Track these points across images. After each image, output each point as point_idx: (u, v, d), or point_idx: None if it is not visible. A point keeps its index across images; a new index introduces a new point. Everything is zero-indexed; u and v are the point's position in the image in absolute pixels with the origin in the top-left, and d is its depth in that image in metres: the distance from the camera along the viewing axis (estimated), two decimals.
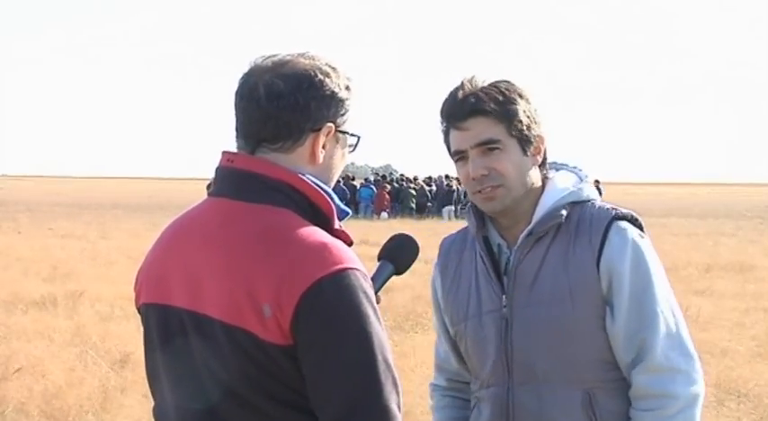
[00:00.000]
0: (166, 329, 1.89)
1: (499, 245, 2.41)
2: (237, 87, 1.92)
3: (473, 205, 2.41)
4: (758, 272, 15.00)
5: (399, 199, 34.41)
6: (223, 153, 1.93)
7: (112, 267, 14.93)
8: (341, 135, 1.93)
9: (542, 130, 2.37)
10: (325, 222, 1.87)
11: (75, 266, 14.80)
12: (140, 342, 2.04)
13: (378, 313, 1.80)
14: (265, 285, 1.76)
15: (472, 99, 2.30)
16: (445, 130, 2.37)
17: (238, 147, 1.92)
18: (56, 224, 26.06)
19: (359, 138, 1.98)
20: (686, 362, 2.28)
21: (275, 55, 1.92)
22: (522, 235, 2.35)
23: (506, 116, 2.30)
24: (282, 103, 1.86)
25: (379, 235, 18.22)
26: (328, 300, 1.75)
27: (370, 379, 1.74)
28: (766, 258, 17.20)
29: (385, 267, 2.11)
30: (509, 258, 2.38)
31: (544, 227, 2.33)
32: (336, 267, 1.76)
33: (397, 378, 1.79)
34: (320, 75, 1.89)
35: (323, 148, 1.90)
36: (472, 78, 2.34)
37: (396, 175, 42.04)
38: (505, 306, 2.36)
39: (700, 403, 2.28)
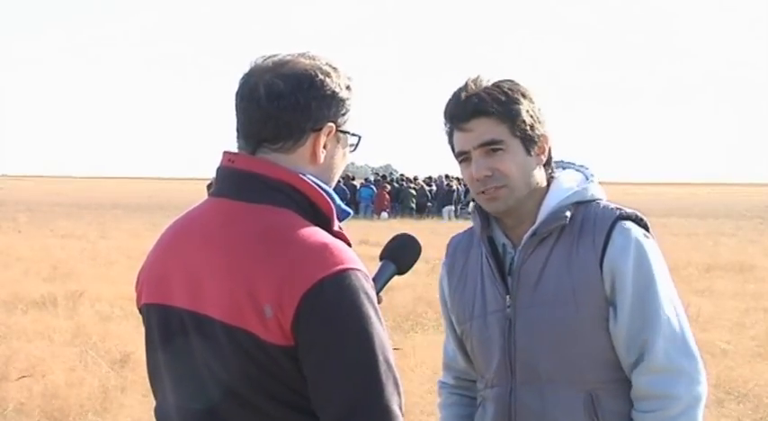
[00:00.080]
0: (167, 329, 1.89)
1: (504, 245, 2.40)
2: (238, 87, 1.91)
3: (478, 205, 2.40)
4: (758, 272, 14.99)
5: (399, 199, 34.37)
6: (224, 153, 1.93)
7: (112, 267, 14.94)
8: (342, 135, 1.93)
9: (547, 130, 2.36)
10: (325, 222, 1.87)
11: (75, 266, 14.80)
12: (140, 342, 2.04)
13: (379, 313, 1.80)
14: (266, 286, 1.76)
15: (475, 100, 2.30)
16: (449, 131, 2.36)
17: (239, 147, 1.92)
18: (56, 224, 26.06)
19: (360, 137, 1.97)
20: (689, 362, 2.27)
21: (275, 55, 1.92)
22: (526, 235, 2.34)
23: (509, 116, 2.29)
24: (283, 103, 1.86)
25: (379, 235, 18.22)
26: (329, 301, 1.74)
27: (371, 379, 1.74)
28: (766, 258, 17.19)
29: (387, 267, 2.11)
30: (513, 258, 2.37)
31: (548, 227, 2.32)
32: (337, 268, 1.76)
33: (399, 378, 1.79)
34: (321, 74, 1.88)
35: (324, 148, 1.90)
36: (476, 78, 2.33)
37: (396, 175, 42.04)
38: (509, 306, 2.35)
39: (702, 404, 2.27)
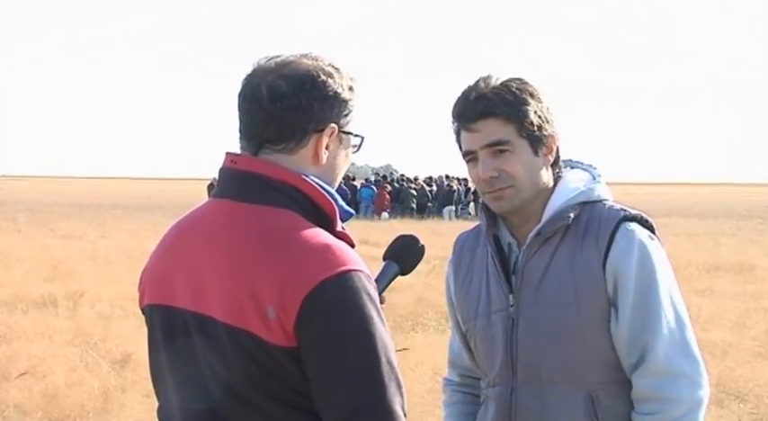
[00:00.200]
0: (170, 330, 1.88)
1: (510, 243, 2.40)
2: (240, 88, 1.91)
3: (484, 204, 2.40)
4: (758, 272, 14.99)
5: (400, 199, 34.36)
6: (226, 154, 1.93)
7: (113, 267, 14.94)
8: (344, 136, 1.92)
9: (555, 129, 2.35)
10: (328, 223, 1.86)
11: (75, 266, 14.80)
12: (141, 342, 2.05)
13: (381, 314, 1.80)
14: (269, 287, 1.76)
15: (483, 100, 2.29)
16: (456, 130, 2.36)
17: (241, 148, 1.92)
18: (56, 224, 26.05)
19: (363, 138, 1.97)
20: (690, 365, 2.26)
21: (278, 56, 1.91)
22: (531, 235, 2.34)
23: (516, 117, 2.29)
24: (285, 104, 1.85)
25: (379, 235, 18.22)
26: (331, 302, 1.74)
27: (373, 380, 1.74)
28: (766, 258, 17.18)
29: (390, 267, 2.11)
30: (518, 257, 2.37)
31: (552, 227, 2.32)
32: (340, 269, 1.76)
33: (401, 379, 1.78)
34: (323, 75, 1.87)
35: (326, 149, 1.89)
36: (487, 77, 2.33)
37: (396, 175, 42.06)
38: (512, 305, 2.35)
39: (703, 408, 2.26)
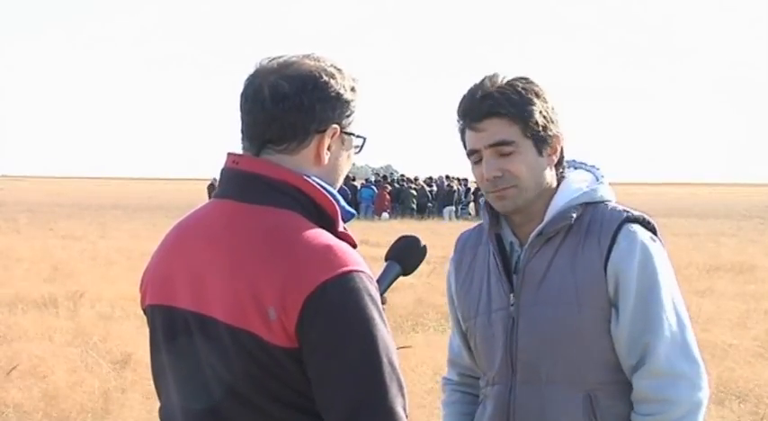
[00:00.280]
0: (172, 330, 1.88)
1: (512, 243, 2.40)
2: (242, 89, 1.91)
3: (487, 203, 2.41)
4: (759, 272, 15.00)
5: (400, 199, 34.37)
6: (228, 154, 1.92)
7: (113, 267, 14.94)
8: (346, 136, 1.92)
9: (560, 130, 2.35)
10: (329, 224, 1.86)
11: (75, 267, 14.80)
12: (141, 342, 2.05)
13: (383, 315, 1.80)
14: (270, 288, 1.76)
15: (488, 100, 2.29)
16: (461, 129, 2.36)
17: (243, 148, 1.92)
18: (56, 224, 26.05)
19: (365, 139, 1.96)
20: (690, 367, 2.26)
21: (280, 56, 1.91)
22: (533, 234, 2.34)
23: (522, 117, 2.29)
24: (287, 105, 1.85)
25: (379, 235, 18.23)
26: (333, 303, 1.74)
27: (374, 381, 1.74)
28: (767, 258, 17.19)
29: (392, 268, 2.11)
30: (520, 257, 2.37)
31: (554, 227, 2.32)
32: (341, 270, 1.76)
33: (403, 380, 1.78)
34: (325, 76, 1.87)
35: (328, 150, 1.89)
36: (493, 76, 2.32)
37: (396, 176, 42.07)
38: (513, 304, 2.35)
39: (703, 410, 2.26)
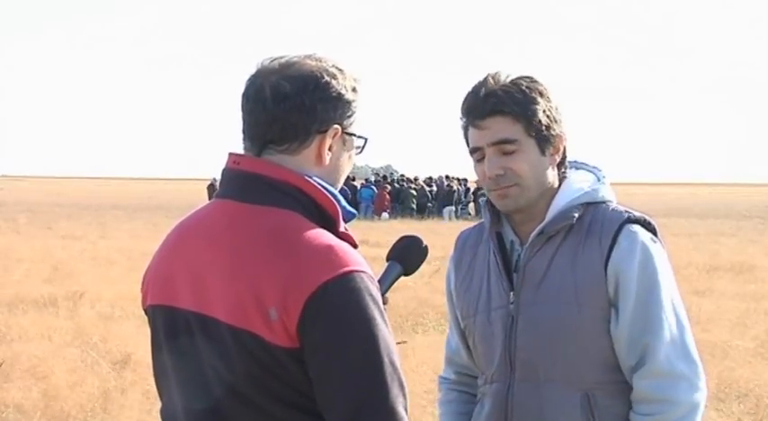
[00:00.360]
0: (173, 331, 1.88)
1: (512, 241, 2.40)
2: (244, 89, 1.91)
3: (489, 201, 2.41)
4: (759, 272, 15.00)
5: (400, 199, 34.36)
6: (229, 155, 1.93)
7: (113, 268, 14.95)
8: (347, 137, 1.92)
9: (562, 129, 2.35)
10: (330, 224, 1.86)
11: (75, 267, 14.81)
12: (141, 342, 2.06)
13: (384, 315, 1.80)
14: (271, 288, 1.76)
15: (492, 98, 2.29)
16: (464, 126, 2.36)
17: (245, 148, 1.92)
18: (56, 224, 26.04)
19: (366, 140, 1.97)
20: (689, 368, 2.27)
21: (282, 57, 1.91)
22: (533, 233, 2.34)
23: (525, 116, 2.29)
24: (288, 105, 1.85)
25: (379, 235, 18.23)
26: (334, 304, 1.74)
27: (376, 381, 1.74)
28: (766, 258, 17.20)
29: (393, 268, 2.11)
30: (520, 255, 2.37)
31: (555, 227, 2.32)
32: (342, 270, 1.76)
33: (404, 380, 1.78)
34: (327, 76, 1.88)
35: (329, 150, 1.90)
36: (496, 74, 2.33)
37: (396, 176, 42.07)
38: (512, 303, 2.35)
39: (701, 410, 2.27)
